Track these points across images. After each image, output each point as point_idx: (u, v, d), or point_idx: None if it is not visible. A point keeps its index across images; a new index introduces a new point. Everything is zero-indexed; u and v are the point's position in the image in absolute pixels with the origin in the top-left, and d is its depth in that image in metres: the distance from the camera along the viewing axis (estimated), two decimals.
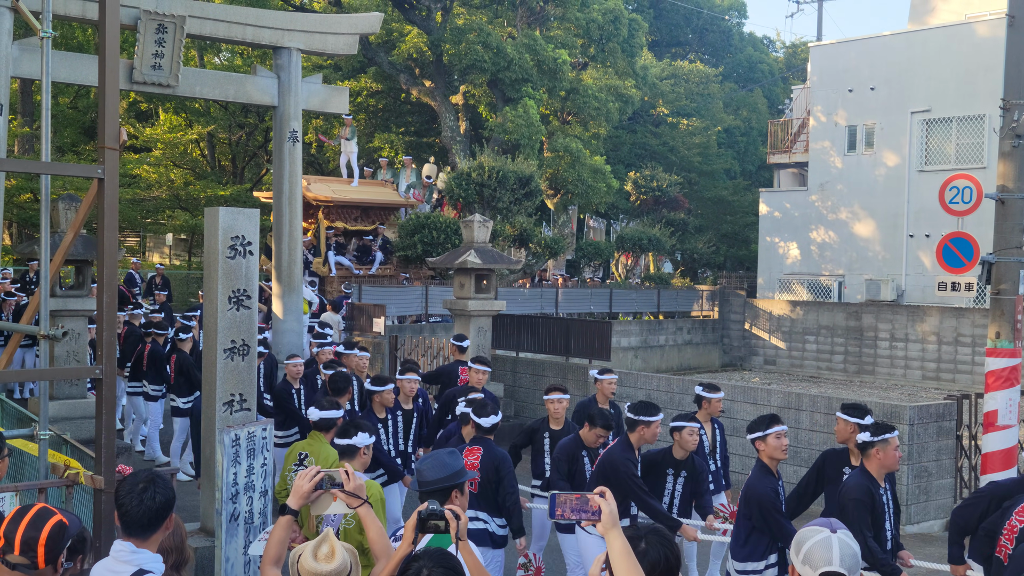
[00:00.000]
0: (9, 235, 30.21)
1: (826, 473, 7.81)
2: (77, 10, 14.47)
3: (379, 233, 25.00)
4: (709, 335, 32.34)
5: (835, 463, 7.81)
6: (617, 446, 7.79)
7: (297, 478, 4.33)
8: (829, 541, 3.32)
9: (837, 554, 3.29)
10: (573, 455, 8.38)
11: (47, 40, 6.06)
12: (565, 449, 8.44)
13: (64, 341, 13.63)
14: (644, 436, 7.73)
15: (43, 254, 6.09)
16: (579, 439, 8.44)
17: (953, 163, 28.44)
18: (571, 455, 8.38)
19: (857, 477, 6.82)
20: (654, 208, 35.85)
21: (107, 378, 5.69)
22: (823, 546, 3.32)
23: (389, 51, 32.83)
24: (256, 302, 7.87)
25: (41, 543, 3.73)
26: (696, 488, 8.27)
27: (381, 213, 25.44)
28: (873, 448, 6.79)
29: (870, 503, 6.63)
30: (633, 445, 7.75)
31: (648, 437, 7.74)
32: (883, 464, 6.78)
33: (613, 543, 3.25)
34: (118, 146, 5.75)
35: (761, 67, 50.64)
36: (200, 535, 8.02)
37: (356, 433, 6.28)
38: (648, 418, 7.70)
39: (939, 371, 27.85)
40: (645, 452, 8.28)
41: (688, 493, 8.26)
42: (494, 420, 7.64)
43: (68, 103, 32.39)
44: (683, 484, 8.23)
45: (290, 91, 17.18)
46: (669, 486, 8.22)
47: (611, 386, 10.46)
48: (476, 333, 16.37)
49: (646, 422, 7.69)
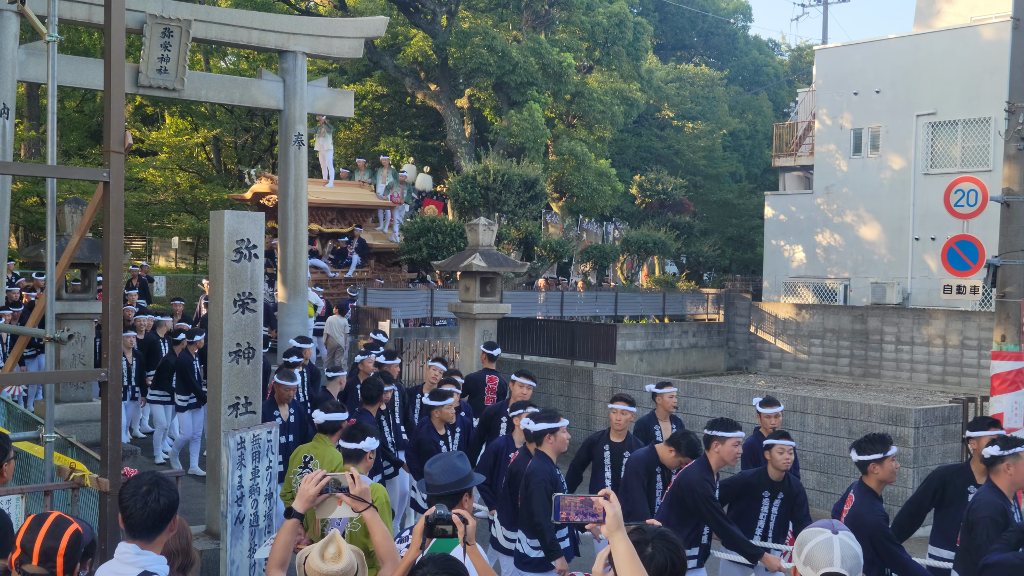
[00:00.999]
0: (16, 239, 30.27)
1: (947, 494, 7.19)
2: (83, 14, 14.51)
3: (356, 235, 24.58)
4: (715, 338, 32.31)
5: (958, 482, 7.18)
6: (695, 466, 7.22)
7: (302, 482, 4.33)
8: (831, 542, 3.32)
9: (838, 555, 3.29)
10: (649, 470, 7.81)
11: (53, 44, 6.08)
12: (641, 461, 7.83)
13: (70, 344, 13.64)
14: (722, 454, 7.18)
15: (49, 257, 6.10)
16: (655, 454, 7.85)
17: (958, 166, 28.39)
18: (647, 469, 7.80)
19: (987, 494, 6.32)
20: (659, 211, 35.83)
21: (112, 381, 5.70)
22: (824, 547, 3.32)
23: (394, 55, 32.86)
24: (261, 305, 7.88)
25: (60, 553, 3.74)
26: (794, 512, 7.69)
27: (358, 215, 25.06)
28: (1003, 463, 6.34)
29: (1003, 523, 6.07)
30: (712, 466, 7.20)
31: (726, 455, 7.17)
32: (1014, 480, 6.31)
33: (618, 546, 3.25)
34: (124, 150, 5.76)
35: (766, 70, 50.63)
36: (206, 538, 8.03)
37: (364, 438, 6.22)
38: (723, 433, 7.18)
39: (945, 374, 27.80)
40: (739, 473, 7.85)
41: (784, 516, 7.70)
42: None
43: (74, 107, 32.47)
44: (779, 507, 7.66)
45: (295, 95, 17.21)
46: (764, 509, 7.66)
47: (672, 400, 9.92)
48: (481, 336, 16.36)
49: (720, 438, 7.16)
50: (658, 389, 9.94)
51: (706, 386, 15.35)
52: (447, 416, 9.21)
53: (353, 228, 24.66)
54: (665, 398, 9.87)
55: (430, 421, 9.28)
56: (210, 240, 7.93)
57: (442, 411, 9.17)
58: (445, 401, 9.16)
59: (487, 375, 12.51)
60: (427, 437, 9.18)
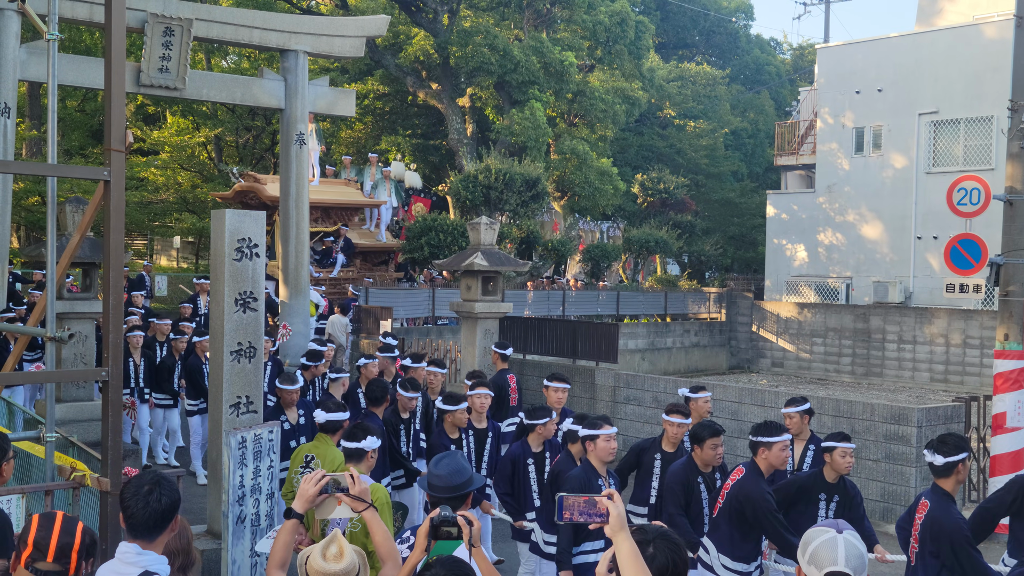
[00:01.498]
0: (17, 238, 30.27)
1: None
2: (84, 13, 14.50)
3: (341, 234, 24.03)
4: (716, 337, 32.29)
5: None
6: (749, 478, 6.96)
7: (302, 482, 4.32)
8: (835, 541, 3.32)
9: (842, 554, 3.29)
10: (688, 482, 7.58)
11: (53, 42, 6.07)
12: (678, 476, 7.62)
13: (71, 343, 13.63)
14: (770, 459, 6.98)
15: (50, 256, 6.09)
16: (692, 464, 7.62)
17: (961, 165, 28.36)
18: (686, 483, 7.58)
19: None
20: (661, 210, 35.81)
21: (113, 380, 5.69)
22: (828, 546, 3.31)
23: (396, 54, 32.84)
24: (263, 304, 7.86)
25: (75, 550, 3.77)
26: (852, 513, 7.46)
27: (343, 213, 24.52)
28: None
29: None
30: (763, 472, 7.01)
31: (774, 460, 6.97)
32: None
33: (621, 546, 3.24)
34: (124, 148, 5.75)
35: (768, 69, 50.61)
36: (207, 537, 8.01)
37: (364, 437, 6.22)
38: (770, 439, 6.98)
39: (947, 373, 27.77)
40: (793, 477, 7.66)
41: None
42: None
43: (76, 106, 32.46)
44: (836, 510, 7.47)
45: (297, 94, 17.20)
46: (821, 513, 7.43)
47: (706, 405, 9.48)
48: (483, 335, 16.35)
49: (767, 443, 6.96)
50: (692, 393, 9.54)
51: (708, 385, 15.31)
52: (460, 420, 8.87)
53: (339, 227, 24.19)
54: (699, 403, 9.45)
55: (443, 426, 8.95)
56: (211, 239, 7.92)
57: (455, 415, 8.84)
58: (459, 405, 8.83)
59: (506, 375, 12.33)
60: (438, 442, 8.86)
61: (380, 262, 25.36)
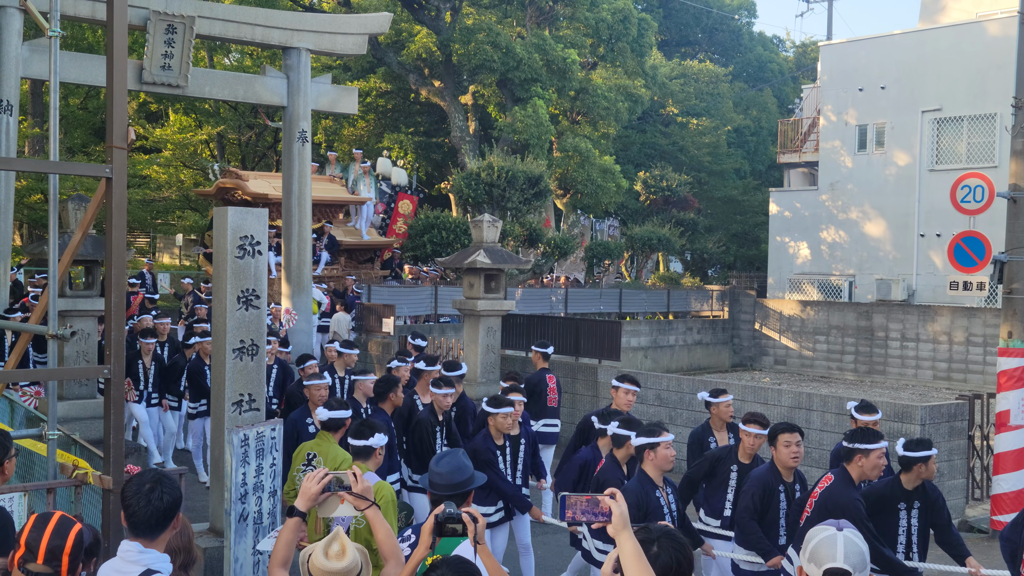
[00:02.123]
0: (20, 236, 30.29)
1: None
2: (87, 11, 14.49)
3: (325, 231, 23.35)
4: (719, 335, 32.27)
5: None
6: (839, 485, 6.70)
7: (305, 480, 4.31)
8: (834, 539, 3.34)
9: (841, 551, 3.30)
10: (769, 488, 7.33)
11: (55, 39, 6.05)
12: (760, 481, 7.36)
13: (73, 341, 13.63)
14: (864, 468, 6.70)
15: (52, 254, 6.08)
16: (775, 471, 7.38)
17: (964, 162, 28.32)
18: (767, 488, 7.33)
19: None
20: (664, 208, 35.78)
21: (115, 378, 5.68)
22: (828, 543, 3.33)
23: (398, 51, 32.83)
24: (264, 302, 7.85)
25: (66, 552, 3.74)
26: (936, 520, 7.14)
27: (327, 210, 23.97)
28: None
29: None
30: (854, 480, 6.74)
31: (868, 469, 6.70)
32: None
33: (624, 545, 3.22)
34: (126, 145, 5.74)
35: (771, 66, 50.55)
36: (209, 535, 8.00)
37: (372, 434, 6.27)
38: (867, 446, 6.70)
39: (950, 371, 27.75)
40: (869, 486, 7.28)
41: (924, 527, 7.10)
42: None
43: (78, 104, 32.48)
44: (918, 518, 7.08)
45: (299, 91, 17.19)
46: (903, 522, 7.06)
47: (728, 409, 9.21)
48: (486, 333, 16.34)
49: (864, 451, 6.68)
50: (712, 398, 9.20)
51: (711, 383, 15.31)
52: (505, 425, 8.42)
53: (323, 224, 23.55)
54: (721, 407, 9.17)
55: (487, 430, 8.50)
56: (214, 237, 7.90)
57: (497, 419, 8.38)
58: (502, 408, 8.38)
59: (545, 375, 12.01)
60: (483, 446, 8.36)
61: (365, 260, 25.01)
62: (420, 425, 9.48)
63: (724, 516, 8.10)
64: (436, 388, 9.43)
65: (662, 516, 6.51)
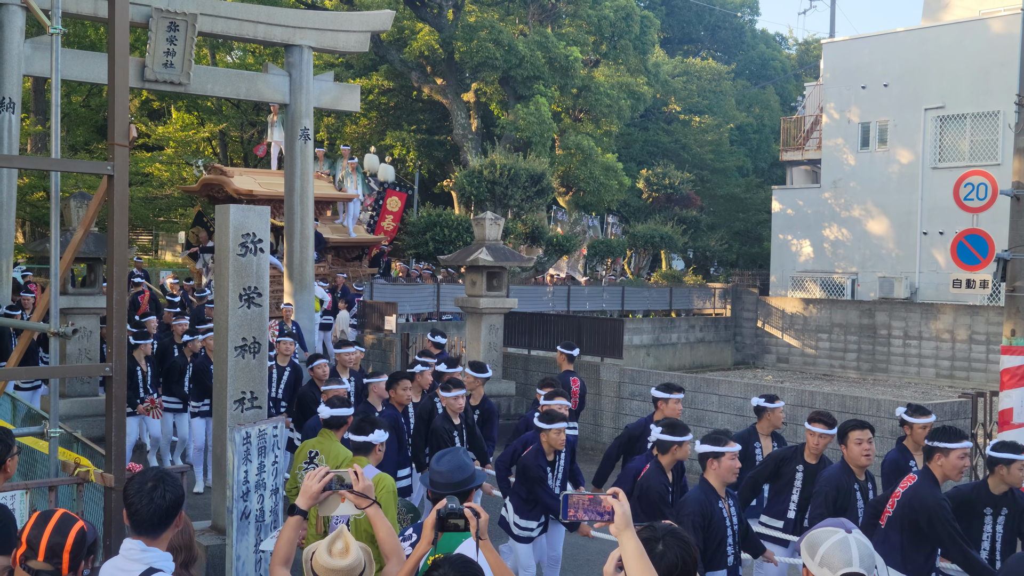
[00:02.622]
0: (22, 233, 30.29)
1: None
2: (88, 8, 14.48)
3: None
4: (722, 333, 32.26)
5: None
6: (924, 484, 6.47)
7: (306, 478, 4.31)
8: (847, 542, 3.28)
9: (856, 554, 3.25)
10: (843, 488, 7.06)
11: (57, 37, 6.05)
12: (833, 481, 7.09)
13: (75, 339, 13.63)
14: (945, 468, 6.46)
15: (54, 252, 6.08)
16: (847, 469, 7.14)
17: (967, 160, 28.29)
18: (840, 488, 7.06)
19: None
20: (666, 206, 35.77)
21: (117, 375, 5.67)
22: (841, 547, 3.27)
23: (400, 49, 32.81)
24: (267, 299, 7.85)
25: (67, 550, 3.74)
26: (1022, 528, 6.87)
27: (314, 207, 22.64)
28: None
29: None
30: (938, 480, 6.51)
31: (949, 470, 6.46)
32: None
33: (626, 545, 3.20)
34: (128, 143, 5.73)
35: (773, 64, 50.51)
36: (211, 533, 8.00)
37: (372, 430, 6.31)
38: (949, 444, 6.48)
39: (953, 369, 27.72)
40: (954, 488, 7.01)
41: (1011, 535, 6.80)
42: None
43: (80, 102, 32.45)
44: (1004, 525, 6.77)
45: (302, 89, 17.18)
46: (988, 528, 6.75)
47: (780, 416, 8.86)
48: (488, 331, 16.34)
49: (944, 449, 6.47)
50: (768, 403, 8.80)
51: (713, 381, 15.30)
52: (558, 442, 8.04)
53: None
54: (775, 414, 8.80)
55: (540, 446, 8.10)
56: (215, 234, 7.90)
57: (550, 435, 8.00)
58: (555, 424, 8.01)
59: (570, 378, 11.65)
60: (534, 463, 8.04)
61: (353, 257, 24.61)
62: (435, 433, 9.19)
63: (787, 518, 7.90)
64: (445, 391, 9.17)
65: (724, 528, 6.30)
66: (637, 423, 9.27)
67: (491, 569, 4.06)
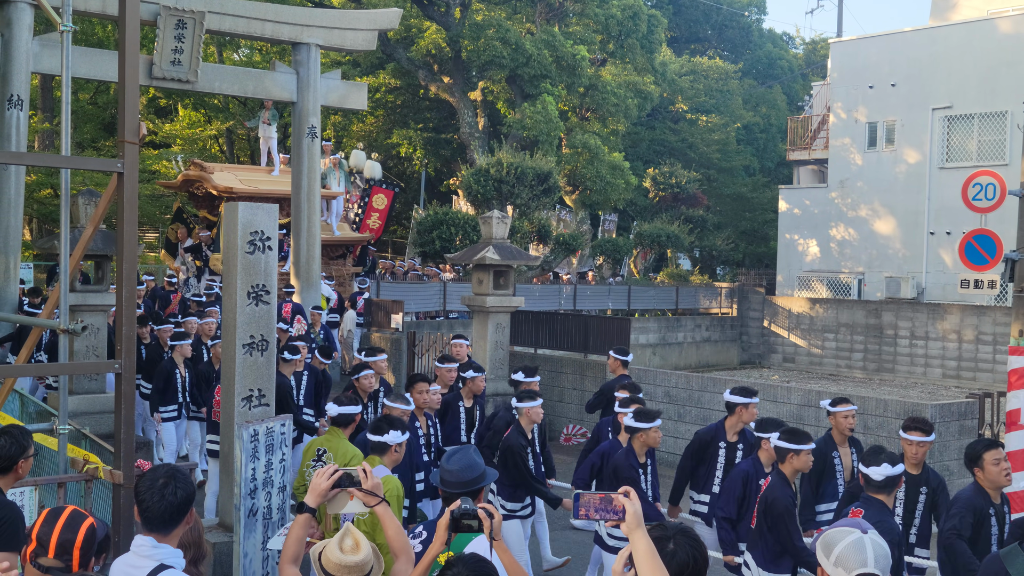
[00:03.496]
0: (30, 230, 30.36)
1: None
2: (97, 6, 14.52)
3: None
4: (728, 332, 32.23)
5: None
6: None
7: (315, 476, 4.31)
8: (862, 542, 3.28)
9: (871, 555, 3.25)
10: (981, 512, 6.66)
11: (67, 34, 6.06)
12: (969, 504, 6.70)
13: (84, 336, 13.65)
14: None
15: (63, 249, 6.09)
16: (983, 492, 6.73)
17: (975, 160, 28.23)
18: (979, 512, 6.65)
19: None
20: (673, 205, 35.74)
21: (126, 372, 5.68)
22: (856, 547, 3.27)
23: (408, 47, 32.83)
24: (275, 297, 7.85)
25: (77, 546, 3.75)
26: None
27: None
28: None
29: None
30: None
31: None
32: None
33: (638, 544, 3.21)
34: (137, 140, 5.74)
35: (780, 63, 50.46)
36: (219, 530, 8.01)
37: (387, 430, 6.33)
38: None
39: (960, 369, 27.68)
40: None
41: None
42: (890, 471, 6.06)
43: (88, 99, 32.55)
44: None
45: (309, 87, 17.20)
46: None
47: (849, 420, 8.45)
48: (494, 330, 16.33)
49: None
50: (833, 407, 8.44)
51: (720, 380, 15.30)
52: (654, 440, 7.81)
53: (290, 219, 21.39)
54: (839, 418, 8.38)
55: (631, 445, 7.87)
56: (223, 232, 7.91)
57: (649, 434, 7.77)
58: (654, 422, 7.79)
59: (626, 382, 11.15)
60: (625, 462, 7.80)
61: (337, 255, 23.96)
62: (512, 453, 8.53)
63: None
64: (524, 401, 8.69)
65: None
66: (707, 429, 8.88)
67: (505, 569, 4.07)
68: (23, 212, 16.06)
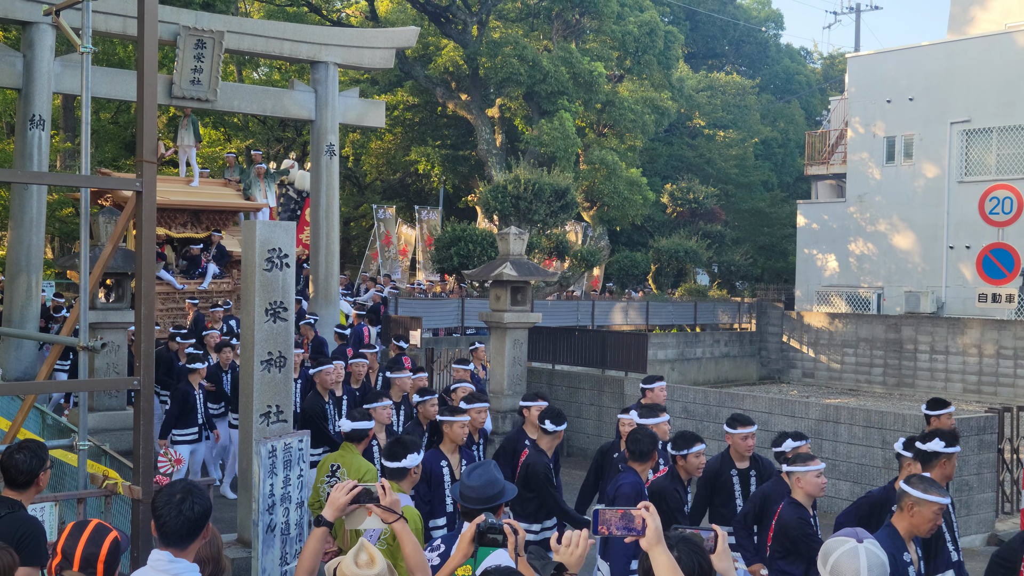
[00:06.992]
0: (51, 249, 30.59)
1: None
2: (118, 27, 14.67)
3: (213, 241, 20.45)
4: (747, 347, 32.14)
5: None
6: None
7: (334, 490, 4.34)
8: (856, 551, 3.32)
9: (864, 564, 3.29)
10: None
11: (87, 55, 6.14)
12: None
13: (103, 353, 13.76)
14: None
15: (83, 267, 6.16)
16: None
17: (994, 174, 28.11)
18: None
19: None
20: (691, 220, 35.73)
21: (145, 389, 5.73)
22: (850, 556, 3.32)
23: (425, 65, 32.99)
24: (293, 314, 7.91)
25: (101, 559, 3.80)
26: None
27: (217, 218, 21.13)
28: None
29: None
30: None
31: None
32: None
33: (658, 559, 3.23)
34: (156, 159, 5.81)
35: (798, 78, 50.43)
36: (237, 546, 8.05)
37: (405, 455, 5.97)
38: None
39: (980, 384, 27.51)
40: None
41: None
42: None
43: (109, 119, 32.80)
44: None
45: (327, 105, 17.31)
46: None
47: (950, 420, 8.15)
48: (512, 346, 16.36)
49: None
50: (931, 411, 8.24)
51: (738, 395, 15.26)
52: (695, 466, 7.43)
53: (210, 233, 20.71)
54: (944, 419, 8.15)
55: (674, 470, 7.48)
56: (242, 250, 7.98)
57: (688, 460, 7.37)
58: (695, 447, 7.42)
59: None
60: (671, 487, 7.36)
61: None
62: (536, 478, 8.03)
63: None
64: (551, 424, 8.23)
65: None
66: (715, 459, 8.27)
67: None
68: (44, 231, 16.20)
